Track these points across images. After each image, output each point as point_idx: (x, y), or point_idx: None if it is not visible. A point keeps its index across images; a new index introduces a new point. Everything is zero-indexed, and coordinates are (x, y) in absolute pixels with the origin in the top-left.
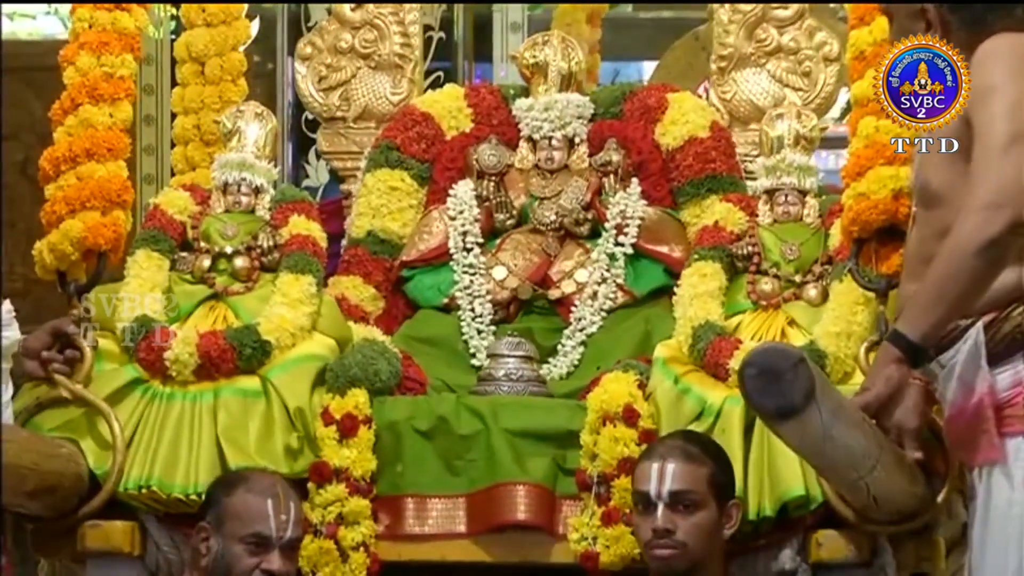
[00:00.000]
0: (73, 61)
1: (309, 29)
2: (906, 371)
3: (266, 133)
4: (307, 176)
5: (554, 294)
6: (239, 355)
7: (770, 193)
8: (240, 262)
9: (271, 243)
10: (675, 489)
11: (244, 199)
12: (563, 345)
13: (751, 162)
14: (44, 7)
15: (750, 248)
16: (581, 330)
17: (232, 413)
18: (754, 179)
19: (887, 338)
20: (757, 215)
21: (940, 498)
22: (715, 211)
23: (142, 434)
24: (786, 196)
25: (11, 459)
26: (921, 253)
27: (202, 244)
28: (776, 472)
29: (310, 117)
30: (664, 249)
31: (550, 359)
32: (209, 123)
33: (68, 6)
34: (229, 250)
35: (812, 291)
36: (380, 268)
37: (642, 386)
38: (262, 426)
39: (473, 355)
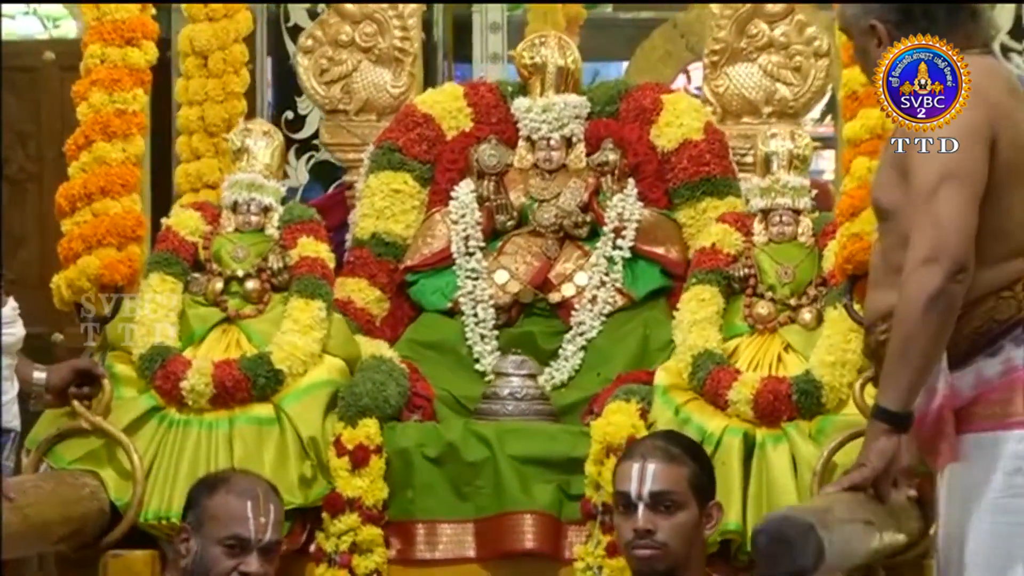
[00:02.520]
0: (86, 97)
1: (289, 30)
2: (896, 440)
3: (273, 151)
4: (287, 176)
5: (554, 298)
6: (253, 384)
7: (765, 212)
8: (251, 284)
9: (281, 264)
10: (656, 490)
11: (254, 218)
12: (564, 350)
13: (744, 155)
14: (22, 7)
15: (746, 270)
16: (581, 335)
17: (247, 443)
18: (748, 172)
19: (871, 415)
20: (753, 233)
21: (933, 529)
22: (712, 232)
23: (160, 464)
24: (780, 216)
25: (38, 518)
26: (887, 262)
27: (214, 266)
28: (774, 505)
29: (290, 117)
30: (660, 250)
31: (551, 362)
32: (213, 114)
33: (48, 6)
34: (241, 273)
35: (807, 315)
36: (384, 270)
37: (644, 415)
38: (276, 456)
39: (477, 360)
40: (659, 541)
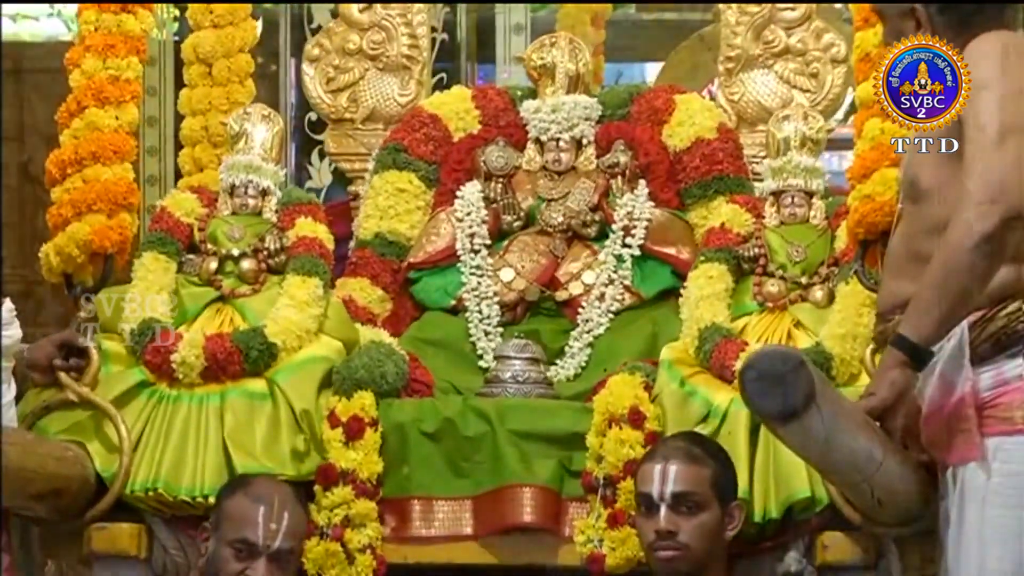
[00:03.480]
0: (79, 64)
1: (312, 31)
2: (910, 375)
3: (273, 135)
4: (310, 177)
5: (561, 296)
6: (245, 357)
7: (776, 195)
8: (247, 264)
9: (278, 245)
10: (678, 491)
11: (251, 201)
12: (570, 347)
13: (758, 163)
14: (47, 8)
15: (756, 250)
16: (588, 331)
17: (238, 416)
18: (761, 180)
19: (890, 342)
20: (764, 217)
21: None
22: (721, 213)
23: (148, 436)
24: (792, 198)
25: (16, 462)
26: (909, 249)
27: (209, 246)
28: (782, 474)
29: (313, 118)
30: (671, 251)
31: (557, 360)
32: (216, 124)
33: (71, 7)
34: (236, 252)
35: (818, 293)
36: (387, 270)
37: (648, 388)
38: (268, 428)
39: (480, 357)
40: (681, 542)
